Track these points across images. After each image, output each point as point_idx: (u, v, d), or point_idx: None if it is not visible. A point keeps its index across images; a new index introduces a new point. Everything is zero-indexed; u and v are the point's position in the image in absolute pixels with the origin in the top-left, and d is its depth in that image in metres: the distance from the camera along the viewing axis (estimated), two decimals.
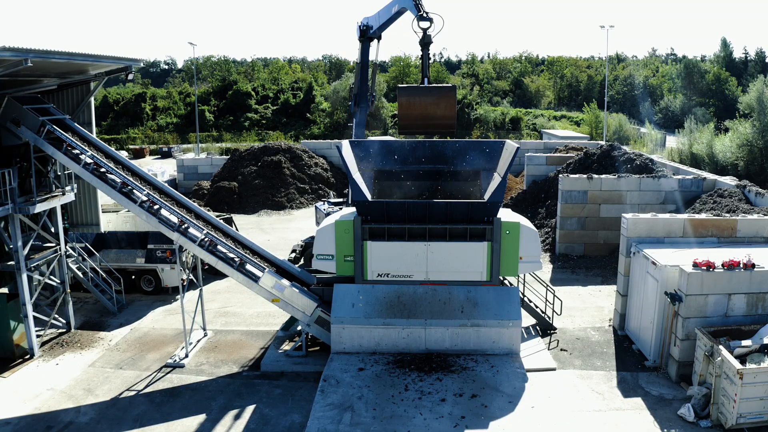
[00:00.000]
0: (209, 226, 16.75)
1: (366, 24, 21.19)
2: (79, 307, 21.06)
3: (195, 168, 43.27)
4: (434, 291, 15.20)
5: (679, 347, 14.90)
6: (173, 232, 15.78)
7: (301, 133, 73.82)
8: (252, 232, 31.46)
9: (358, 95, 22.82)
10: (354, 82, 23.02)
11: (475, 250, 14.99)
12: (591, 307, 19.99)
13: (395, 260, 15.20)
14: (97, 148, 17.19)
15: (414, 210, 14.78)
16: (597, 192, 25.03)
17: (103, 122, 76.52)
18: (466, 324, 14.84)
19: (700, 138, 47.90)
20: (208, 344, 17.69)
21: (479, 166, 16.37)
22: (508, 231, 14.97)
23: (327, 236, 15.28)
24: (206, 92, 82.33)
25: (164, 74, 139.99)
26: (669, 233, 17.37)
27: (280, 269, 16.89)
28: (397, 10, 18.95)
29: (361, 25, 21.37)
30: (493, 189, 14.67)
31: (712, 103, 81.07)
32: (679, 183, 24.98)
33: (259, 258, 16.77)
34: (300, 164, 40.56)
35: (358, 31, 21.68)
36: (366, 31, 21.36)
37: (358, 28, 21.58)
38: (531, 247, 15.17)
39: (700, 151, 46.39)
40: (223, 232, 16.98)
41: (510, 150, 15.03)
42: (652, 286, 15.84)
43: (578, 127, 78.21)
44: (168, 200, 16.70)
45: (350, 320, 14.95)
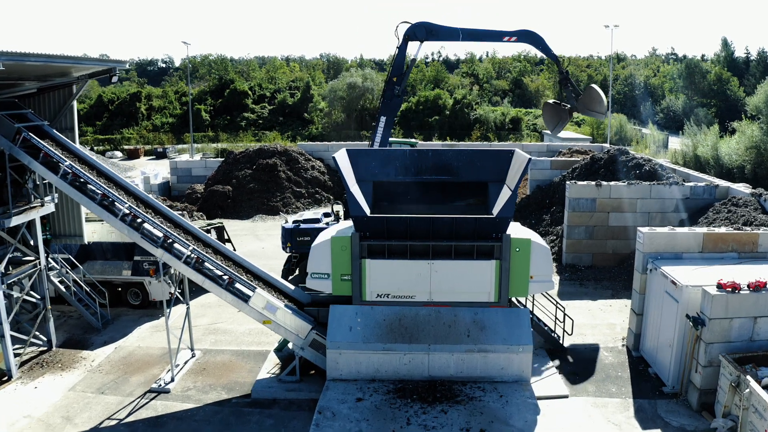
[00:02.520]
0: (196, 241, 15.65)
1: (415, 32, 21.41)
2: (63, 321, 19.97)
3: (189, 171, 42.12)
4: (438, 313, 14.12)
5: (701, 374, 13.84)
6: (157, 248, 14.68)
7: (298, 134, 72.70)
8: (246, 239, 30.38)
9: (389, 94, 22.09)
10: (389, 79, 22.17)
11: (483, 268, 13.92)
12: (602, 324, 18.92)
13: (396, 280, 14.12)
14: (77, 157, 16.07)
15: (416, 226, 13.70)
16: (606, 200, 23.96)
17: (97, 122, 75.39)
18: (473, 349, 13.76)
19: (704, 140, 46.92)
20: (196, 366, 16.58)
21: (487, 177, 15.28)
22: (518, 248, 13.89)
23: (322, 253, 14.19)
24: (202, 91, 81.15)
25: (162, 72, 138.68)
26: (687, 248, 16.30)
27: (272, 287, 15.79)
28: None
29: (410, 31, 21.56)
30: (502, 203, 13.58)
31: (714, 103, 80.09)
32: (690, 190, 23.93)
33: (249, 275, 15.67)
34: (296, 167, 39.43)
35: (404, 32, 21.69)
36: (413, 35, 21.48)
37: (406, 30, 21.67)
38: (542, 266, 14.10)
39: (705, 154, 45.40)
40: (212, 246, 15.88)
41: (521, 161, 13.94)
42: (671, 307, 14.77)
43: (579, 127, 77.17)
44: (152, 213, 15.59)
45: (347, 345, 13.86)
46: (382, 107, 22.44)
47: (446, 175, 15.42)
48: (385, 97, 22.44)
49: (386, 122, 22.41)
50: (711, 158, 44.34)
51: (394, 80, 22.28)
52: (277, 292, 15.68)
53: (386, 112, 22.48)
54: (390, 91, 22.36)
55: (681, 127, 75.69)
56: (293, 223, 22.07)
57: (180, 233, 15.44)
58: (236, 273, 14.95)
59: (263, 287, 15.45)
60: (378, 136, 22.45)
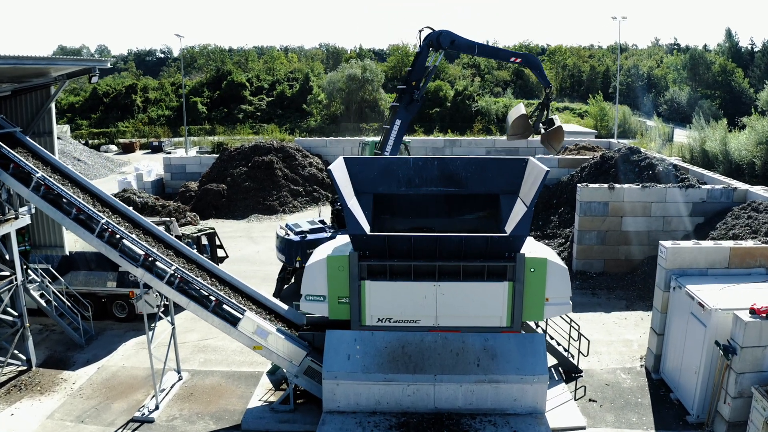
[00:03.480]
0: (180, 257, 14.43)
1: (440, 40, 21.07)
2: (45, 336, 18.80)
3: (182, 167, 40.89)
4: (445, 340, 12.91)
5: (731, 406, 12.68)
6: (137, 267, 13.46)
7: (296, 126, 71.31)
8: (240, 241, 29.17)
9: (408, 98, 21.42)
10: (408, 82, 21.24)
11: (494, 291, 12.69)
12: (618, 341, 17.74)
13: (399, 303, 12.89)
14: (52, 167, 14.84)
15: (421, 245, 12.46)
16: (619, 203, 22.72)
17: (92, 115, 74.00)
18: (483, 380, 12.57)
19: (712, 135, 45.65)
20: (183, 390, 15.40)
21: (498, 188, 14.01)
22: (533, 268, 12.66)
23: (317, 274, 12.95)
24: (199, 83, 79.62)
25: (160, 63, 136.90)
26: (712, 264, 15.09)
27: (263, 307, 14.59)
28: None
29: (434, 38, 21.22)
30: (517, 221, 12.31)
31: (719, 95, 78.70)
32: (707, 194, 22.68)
33: (238, 295, 14.45)
34: (293, 164, 38.18)
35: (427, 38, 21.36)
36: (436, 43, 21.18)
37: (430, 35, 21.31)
38: (560, 287, 12.87)
39: (713, 149, 44.13)
40: (197, 263, 14.66)
41: (536, 172, 12.67)
42: (697, 331, 13.57)
43: (582, 119, 75.81)
44: (132, 228, 14.35)
45: (345, 375, 12.66)
46: (400, 110, 21.35)
47: (453, 186, 14.14)
48: (403, 101, 21.40)
49: (401, 126, 21.39)
50: (720, 153, 43.07)
51: (413, 84, 21.24)
52: (269, 313, 14.49)
53: (403, 116, 21.51)
54: (409, 96, 21.33)
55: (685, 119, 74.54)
56: (297, 234, 20.62)
57: (162, 249, 14.23)
58: (223, 294, 13.72)
59: (253, 308, 14.26)
60: (391, 140, 21.38)
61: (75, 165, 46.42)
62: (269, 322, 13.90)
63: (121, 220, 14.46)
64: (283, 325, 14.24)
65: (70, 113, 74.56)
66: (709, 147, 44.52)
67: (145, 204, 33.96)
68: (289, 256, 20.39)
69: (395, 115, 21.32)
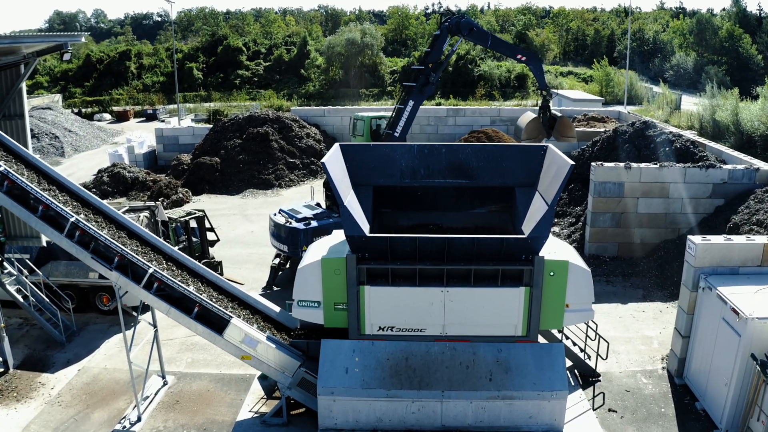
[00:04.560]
0: (159, 256, 13.07)
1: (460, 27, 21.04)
2: (24, 332, 17.58)
3: (175, 138, 39.29)
4: (454, 351, 11.65)
5: (765, 424, 11.46)
6: (111, 270, 12.12)
7: (294, 92, 69.34)
8: (234, 219, 27.81)
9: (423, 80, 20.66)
10: (425, 64, 20.44)
11: (509, 297, 11.39)
12: (636, 338, 16.51)
13: (402, 310, 11.60)
14: (18, 157, 13.38)
15: (428, 247, 11.11)
16: (635, 184, 21.28)
17: (85, 83, 71.94)
18: (496, 396, 11.35)
19: (723, 105, 43.94)
20: (168, 398, 14.20)
21: (513, 180, 12.58)
22: (552, 272, 11.33)
23: (310, 278, 11.63)
24: (194, 48, 77.23)
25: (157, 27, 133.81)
26: (744, 262, 13.73)
27: (252, 309, 13.30)
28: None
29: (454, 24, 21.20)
30: (536, 220, 10.92)
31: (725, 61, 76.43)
32: (729, 174, 21.21)
33: (225, 297, 13.14)
34: (290, 136, 36.57)
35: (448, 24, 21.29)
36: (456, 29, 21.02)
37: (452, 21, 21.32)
38: (581, 292, 11.57)
39: (724, 119, 42.46)
40: (177, 262, 13.29)
41: (558, 165, 11.23)
42: (730, 339, 12.28)
43: (586, 84, 73.76)
44: (106, 223, 12.97)
45: (343, 390, 11.44)
46: (414, 92, 20.57)
47: (463, 177, 12.70)
48: (419, 83, 20.85)
49: (414, 107, 20.64)
50: (731, 123, 41.45)
51: (430, 66, 20.87)
52: (258, 316, 13.20)
53: (416, 97, 20.95)
54: (425, 77, 20.69)
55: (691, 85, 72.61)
56: (301, 222, 19.12)
57: (137, 247, 12.87)
58: (207, 298, 12.40)
59: (242, 311, 12.97)
60: (403, 121, 20.48)
61: (66, 136, 44.83)
62: (259, 328, 12.60)
63: (93, 216, 13.03)
64: (274, 330, 12.97)
65: (63, 81, 72.49)
66: (719, 117, 42.87)
67: (136, 179, 32.57)
68: (293, 246, 18.91)
69: (409, 95, 20.53)
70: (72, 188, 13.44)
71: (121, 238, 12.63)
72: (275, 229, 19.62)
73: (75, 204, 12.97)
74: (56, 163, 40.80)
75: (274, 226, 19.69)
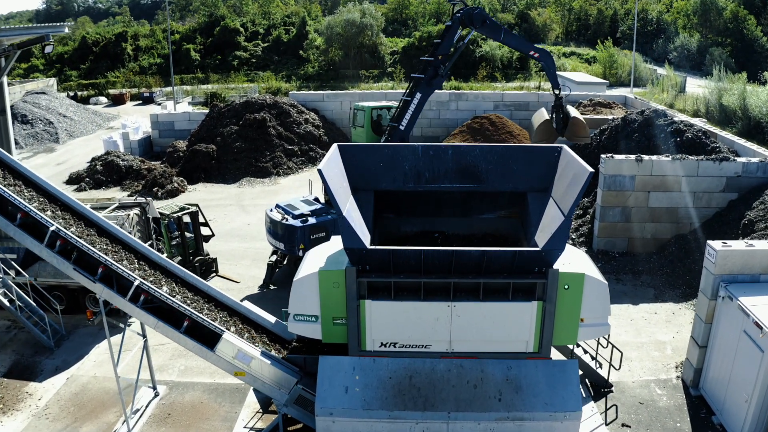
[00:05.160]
0: (146, 265, 12.30)
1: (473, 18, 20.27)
2: (13, 336, 16.92)
3: (171, 124, 38.38)
4: (461, 368, 10.93)
5: None
6: (95, 282, 11.36)
7: (293, 73, 68.09)
8: (230, 210, 27.02)
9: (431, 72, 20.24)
10: (435, 56, 19.62)
11: (520, 311, 10.63)
12: (649, 343, 15.82)
13: (406, 325, 10.85)
14: None
15: (433, 260, 10.33)
16: (647, 177, 20.48)
17: (81, 65, 70.62)
18: (505, 417, 10.65)
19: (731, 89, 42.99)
20: (160, 410, 13.54)
21: (525, 185, 11.75)
22: (567, 285, 10.56)
23: (307, 291, 10.86)
24: (191, 29, 75.76)
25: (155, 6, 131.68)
26: (766, 269, 12.98)
27: (245, 320, 12.57)
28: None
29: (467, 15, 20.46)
30: (552, 231, 10.10)
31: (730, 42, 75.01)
32: (743, 168, 20.39)
33: (216, 307, 12.40)
34: (287, 122, 35.61)
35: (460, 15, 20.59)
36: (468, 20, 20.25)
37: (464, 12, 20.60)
38: (598, 306, 10.81)
39: (731, 104, 41.56)
40: (165, 270, 12.53)
41: (577, 171, 10.38)
42: (752, 354, 11.57)
43: (590, 65, 72.51)
44: (89, 231, 12.19)
45: (342, 411, 10.73)
46: (422, 84, 19.75)
47: (471, 181, 11.86)
48: (427, 74, 19.93)
49: (421, 100, 19.88)
50: (738, 108, 40.57)
51: (439, 58, 20.04)
52: (252, 327, 12.47)
53: (424, 90, 20.18)
54: (433, 69, 19.83)
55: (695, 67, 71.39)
56: (297, 218, 18.32)
57: (123, 256, 12.10)
58: (195, 311, 11.64)
59: (235, 322, 12.23)
60: (409, 114, 19.75)
61: (61, 122, 43.88)
62: (252, 343, 11.87)
63: (74, 219, 12.24)
64: (269, 343, 12.25)
65: (59, 63, 71.21)
66: (726, 102, 41.97)
67: (130, 168, 31.77)
68: (290, 243, 18.15)
69: (417, 88, 19.64)
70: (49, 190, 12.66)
71: (103, 246, 11.85)
72: (271, 226, 18.84)
73: (53, 207, 12.18)
74: (50, 149, 39.99)
75: (270, 223, 18.91)
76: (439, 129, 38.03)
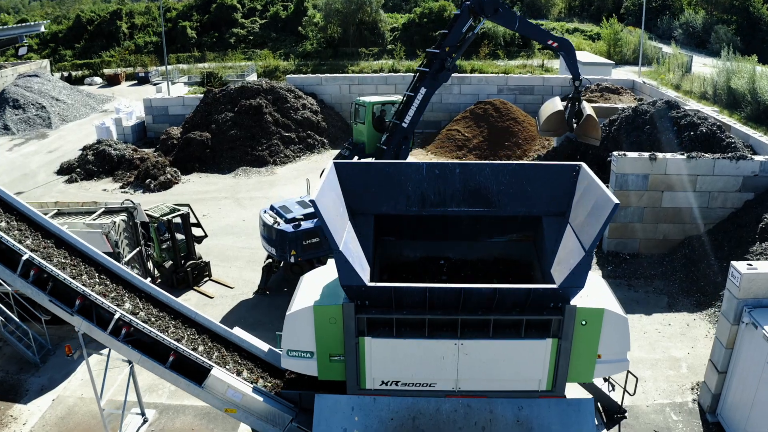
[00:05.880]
0: (108, 279, 11.40)
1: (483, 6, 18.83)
2: None
3: (165, 109, 37.26)
4: (468, 408, 10.14)
5: None
6: (72, 315, 10.52)
7: (291, 51, 66.59)
8: (225, 204, 26.11)
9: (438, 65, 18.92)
10: (441, 48, 18.34)
11: (533, 349, 9.82)
12: (663, 361, 15.05)
13: (408, 363, 10.05)
14: None
15: (440, 297, 9.48)
16: (660, 176, 19.56)
17: (76, 44, 69.00)
18: None
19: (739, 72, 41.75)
20: None
21: (540, 208, 10.82)
22: (584, 321, 9.73)
23: (301, 326, 10.01)
24: (187, 6, 73.93)
25: None
26: None
27: (236, 349, 11.75)
28: None
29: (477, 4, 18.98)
30: (570, 267, 9.22)
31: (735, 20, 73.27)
32: (761, 167, 19.47)
33: (203, 336, 11.57)
34: (284, 107, 34.50)
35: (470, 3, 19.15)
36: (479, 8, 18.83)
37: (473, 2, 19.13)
38: (617, 342, 9.99)
39: (740, 87, 40.36)
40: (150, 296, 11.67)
41: (599, 200, 9.47)
42: None
43: (593, 42, 70.88)
44: (46, 242, 11.29)
45: None
46: (427, 78, 18.47)
47: (481, 204, 10.92)
48: (433, 68, 18.60)
49: (426, 96, 18.59)
50: (747, 92, 39.41)
51: (446, 50, 18.67)
52: (244, 357, 11.67)
53: (430, 85, 18.85)
54: (440, 62, 18.50)
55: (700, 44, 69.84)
56: (289, 223, 17.42)
57: (85, 268, 11.24)
58: (184, 344, 10.82)
59: (224, 353, 11.42)
60: (413, 110, 18.53)
61: (54, 106, 42.71)
62: (243, 378, 11.05)
63: (32, 232, 11.33)
64: (261, 374, 11.45)
65: (53, 43, 69.57)
66: (735, 85, 40.76)
67: (122, 157, 30.83)
68: (280, 250, 17.32)
69: (421, 82, 18.36)
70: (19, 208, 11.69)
71: (61, 260, 10.96)
72: (264, 230, 17.99)
73: (8, 217, 11.26)
74: (43, 135, 38.92)
75: (263, 226, 18.05)
76: (441, 113, 36.90)
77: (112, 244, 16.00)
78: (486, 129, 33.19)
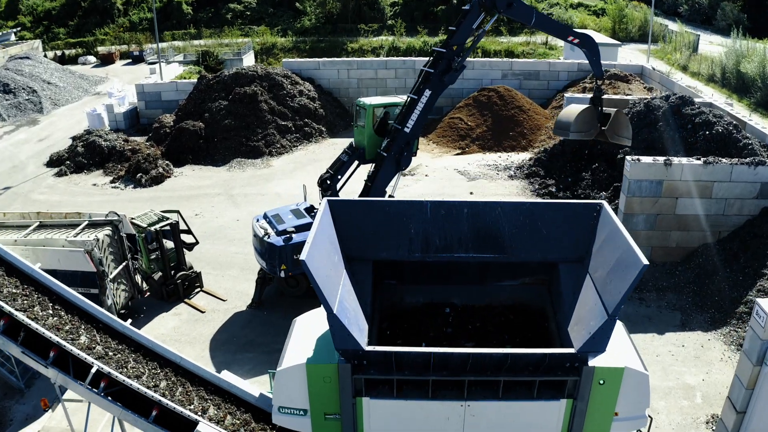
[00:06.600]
0: (62, 309, 10.57)
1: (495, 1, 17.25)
2: None
3: (158, 95, 36.11)
4: None
5: None
6: (47, 367, 9.71)
7: (290, 27, 64.93)
8: (218, 202, 25.18)
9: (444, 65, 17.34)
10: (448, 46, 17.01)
11: (546, 411, 8.98)
12: (677, 389, 14.27)
13: (410, 424, 9.22)
14: None
15: (445, 361, 8.62)
16: (675, 182, 18.62)
17: (69, 22, 67.22)
18: None
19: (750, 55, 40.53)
20: None
21: (556, 254, 9.86)
22: (602, 380, 8.88)
23: (293, 383, 9.17)
24: None
25: None
26: None
27: (226, 395, 10.96)
28: None
29: None
30: (590, 330, 8.35)
31: None
32: None
33: (189, 381, 10.77)
34: (281, 95, 33.34)
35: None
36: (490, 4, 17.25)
37: None
38: (636, 400, 9.14)
39: (750, 71, 39.21)
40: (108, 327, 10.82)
41: (625, 259, 8.50)
42: None
43: (598, 18, 69.17)
44: (15, 285, 10.44)
45: None
46: (433, 79, 17.03)
47: (491, 250, 9.94)
48: (439, 68, 17.08)
49: (430, 98, 17.14)
50: (758, 77, 38.28)
51: (453, 49, 17.08)
52: (210, 392, 10.87)
53: (435, 87, 17.31)
54: (446, 62, 17.01)
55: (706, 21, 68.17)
56: (281, 236, 16.45)
57: (38, 298, 10.41)
58: (166, 398, 10.00)
59: (189, 389, 10.62)
60: (416, 114, 17.15)
61: (45, 89, 41.51)
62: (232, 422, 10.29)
63: (3, 276, 10.48)
64: (252, 424, 10.68)
65: (46, 21, 67.78)
66: (745, 69, 39.58)
67: (113, 149, 29.82)
68: (271, 263, 16.48)
69: (426, 83, 16.90)
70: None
71: (12, 290, 10.13)
72: (255, 241, 17.14)
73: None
74: (34, 121, 37.85)
75: (254, 237, 17.19)
76: (443, 99, 35.47)
77: (95, 263, 15.15)
78: (490, 118, 32.11)
